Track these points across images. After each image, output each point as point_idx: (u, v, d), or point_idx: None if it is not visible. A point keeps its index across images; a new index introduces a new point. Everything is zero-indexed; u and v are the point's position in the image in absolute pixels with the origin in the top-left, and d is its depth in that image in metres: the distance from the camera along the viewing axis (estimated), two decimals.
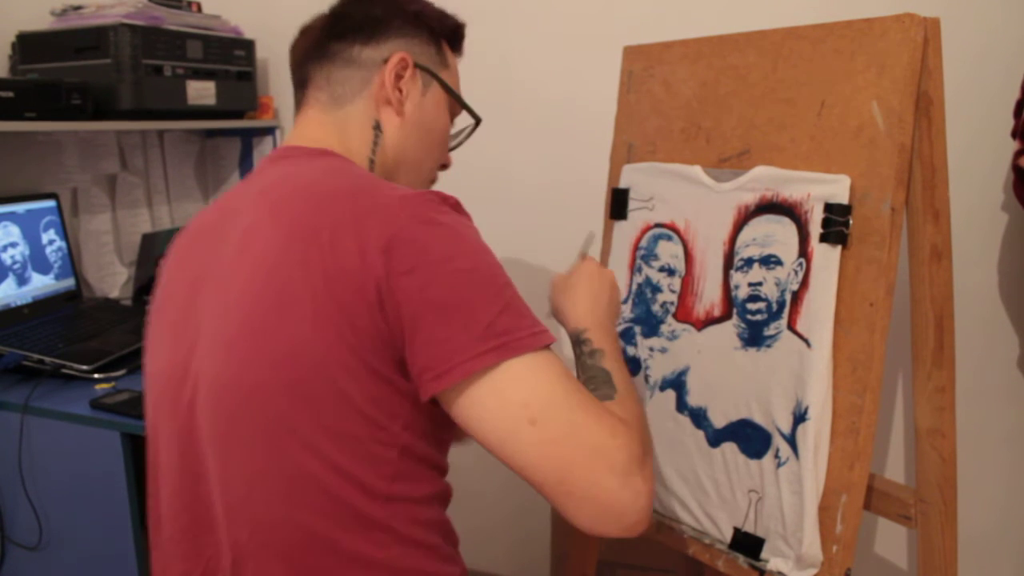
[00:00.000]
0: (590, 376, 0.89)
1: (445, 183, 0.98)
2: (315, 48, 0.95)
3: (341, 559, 0.78)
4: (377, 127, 0.94)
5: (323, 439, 0.76)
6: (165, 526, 0.88)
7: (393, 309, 0.74)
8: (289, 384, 0.75)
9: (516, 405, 0.73)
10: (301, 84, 0.97)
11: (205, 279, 0.85)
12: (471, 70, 1.15)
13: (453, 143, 1.06)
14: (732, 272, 1.14)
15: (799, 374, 1.04)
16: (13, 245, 1.60)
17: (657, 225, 1.25)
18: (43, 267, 1.67)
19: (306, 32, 0.98)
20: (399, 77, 0.94)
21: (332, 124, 0.94)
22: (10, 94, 1.48)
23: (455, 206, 0.82)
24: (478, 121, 1.05)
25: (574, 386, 0.76)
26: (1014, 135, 1.44)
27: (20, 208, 1.63)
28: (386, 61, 0.93)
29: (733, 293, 1.14)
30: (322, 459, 0.76)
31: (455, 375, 0.73)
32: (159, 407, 0.88)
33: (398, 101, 0.94)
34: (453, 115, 1.03)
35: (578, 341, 0.95)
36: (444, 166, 1.05)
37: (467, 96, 1.04)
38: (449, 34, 1.01)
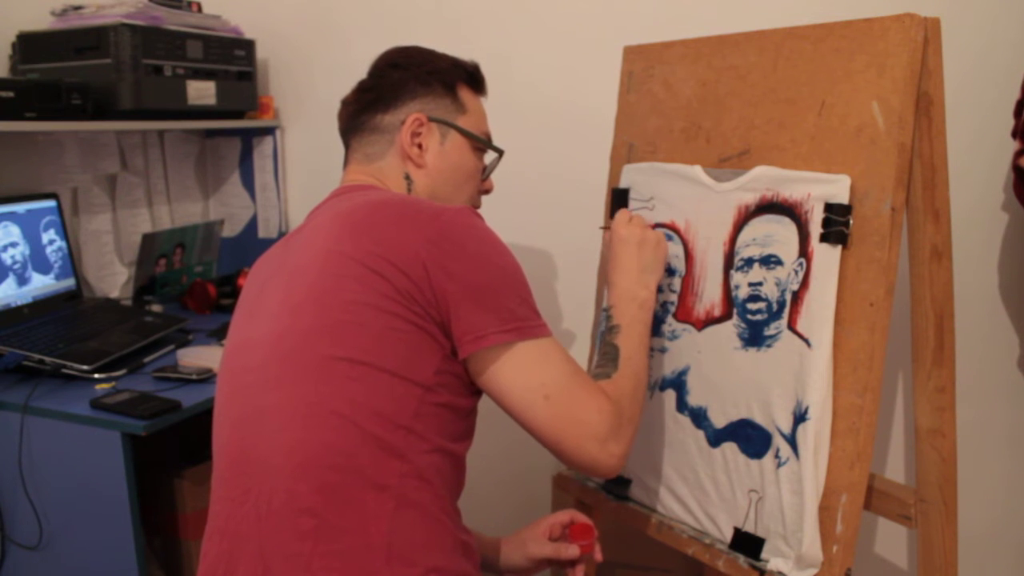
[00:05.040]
0: (603, 351, 1.08)
1: None
2: (350, 120, 1.14)
3: (360, 480, 0.90)
4: (407, 177, 1.11)
5: (358, 375, 0.90)
6: (217, 466, 1.01)
7: (439, 284, 0.91)
8: (334, 325, 0.91)
9: (537, 382, 0.94)
10: (346, 147, 1.15)
11: (276, 273, 1.02)
12: None
13: (485, 174, 1.19)
14: (732, 272, 1.14)
15: (799, 374, 1.04)
16: (13, 245, 1.60)
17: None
18: (43, 267, 1.67)
19: (345, 104, 1.16)
20: (416, 135, 1.10)
21: (371, 174, 1.11)
22: (10, 94, 1.48)
23: (480, 217, 1.00)
24: (500, 153, 1.18)
25: (575, 367, 0.97)
26: (1014, 135, 1.44)
27: (20, 208, 1.63)
28: (403, 123, 1.10)
29: (733, 293, 1.14)
30: (354, 392, 0.90)
31: (489, 340, 0.92)
32: (224, 374, 1.03)
33: (417, 155, 1.10)
34: (481, 150, 1.16)
35: (605, 316, 1.14)
36: (486, 191, 1.20)
37: None
38: (466, 79, 1.15)
